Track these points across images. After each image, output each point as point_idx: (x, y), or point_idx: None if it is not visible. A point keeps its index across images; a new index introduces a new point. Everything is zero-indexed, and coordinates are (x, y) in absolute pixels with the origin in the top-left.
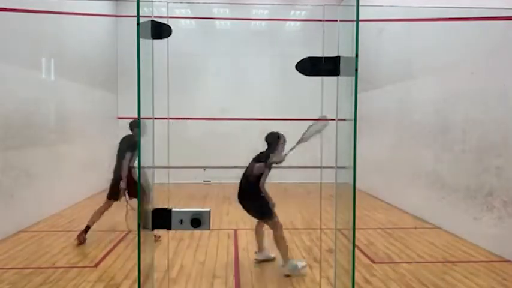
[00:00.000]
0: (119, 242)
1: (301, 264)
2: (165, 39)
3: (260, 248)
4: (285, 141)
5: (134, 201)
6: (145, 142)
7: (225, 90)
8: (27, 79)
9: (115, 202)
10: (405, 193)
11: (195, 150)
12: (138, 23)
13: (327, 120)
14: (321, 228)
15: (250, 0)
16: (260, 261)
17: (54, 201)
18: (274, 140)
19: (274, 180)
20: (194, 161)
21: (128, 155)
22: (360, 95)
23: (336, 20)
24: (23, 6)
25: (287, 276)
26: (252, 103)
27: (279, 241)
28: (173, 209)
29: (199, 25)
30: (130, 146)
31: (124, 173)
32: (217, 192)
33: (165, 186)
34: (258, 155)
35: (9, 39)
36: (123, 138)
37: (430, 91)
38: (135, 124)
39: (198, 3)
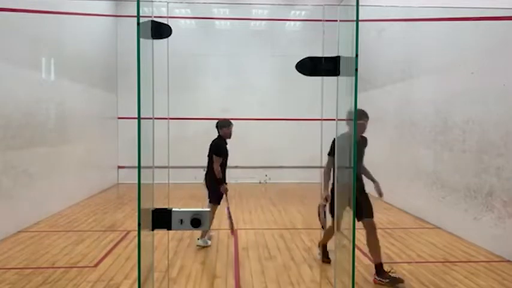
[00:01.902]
0: (119, 242)
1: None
2: (165, 39)
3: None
4: None
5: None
6: (145, 142)
7: (225, 90)
8: (27, 79)
9: (114, 202)
10: (405, 193)
11: (195, 150)
12: (138, 23)
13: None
14: (321, 229)
15: (250, 0)
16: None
17: (54, 201)
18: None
19: (274, 180)
20: (194, 161)
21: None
22: (360, 95)
23: (336, 20)
24: (23, 6)
25: None
26: (252, 103)
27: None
28: (173, 209)
29: (199, 25)
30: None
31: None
32: None
33: (165, 186)
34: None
35: (9, 39)
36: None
37: (430, 91)
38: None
39: (198, 3)
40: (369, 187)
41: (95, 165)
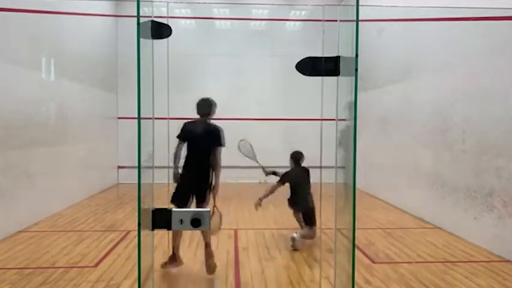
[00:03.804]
0: (119, 242)
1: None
2: (165, 39)
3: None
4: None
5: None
6: (145, 142)
7: (225, 90)
8: (27, 79)
9: (114, 202)
10: (405, 193)
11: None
12: (138, 23)
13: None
14: (321, 228)
15: (250, 0)
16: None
17: (54, 201)
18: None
19: (274, 180)
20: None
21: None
22: (359, 95)
23: (336, 20)
24: (23, 6)
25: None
26: (252, 103)
27: None
28: (173, 209)
29: (199, 25)
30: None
31: None
32: None
33: (165, 186)
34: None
35: (9, 39)
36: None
37: (430, 91)
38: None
39: (198, 3)
40: (365, 186)
41: (95, 165)
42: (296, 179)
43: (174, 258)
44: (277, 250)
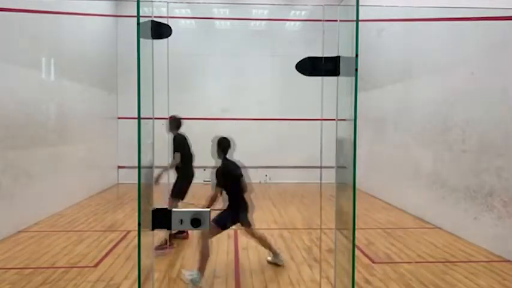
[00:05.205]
0: (119, 242)
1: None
2: (165, 39)
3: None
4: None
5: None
6: (145, 142)
7: (225, 90)
8: (27, 79)
9: (114, 202)
10: (405, 193)
11: (195, 150)
12: (138, 23)
13: None
14: (321, 228)
15: (250, 0)
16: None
17: (54, 201)
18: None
19: (274, 180)
20: (194, 161)
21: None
22: (359, 95)
23: (336, 20)
24: (23, 6)
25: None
26: (252, 103)
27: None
28: (173, 209)
29: (199, 25)
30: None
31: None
32: None
33: (165, 186)
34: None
35: (9, 39)
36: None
37: (430, 91)
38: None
39: (198, 3)
40: (365, 186)
41: (95, 165)
42: (236, 176)
43: (168, 244)
44: (277, 250)
